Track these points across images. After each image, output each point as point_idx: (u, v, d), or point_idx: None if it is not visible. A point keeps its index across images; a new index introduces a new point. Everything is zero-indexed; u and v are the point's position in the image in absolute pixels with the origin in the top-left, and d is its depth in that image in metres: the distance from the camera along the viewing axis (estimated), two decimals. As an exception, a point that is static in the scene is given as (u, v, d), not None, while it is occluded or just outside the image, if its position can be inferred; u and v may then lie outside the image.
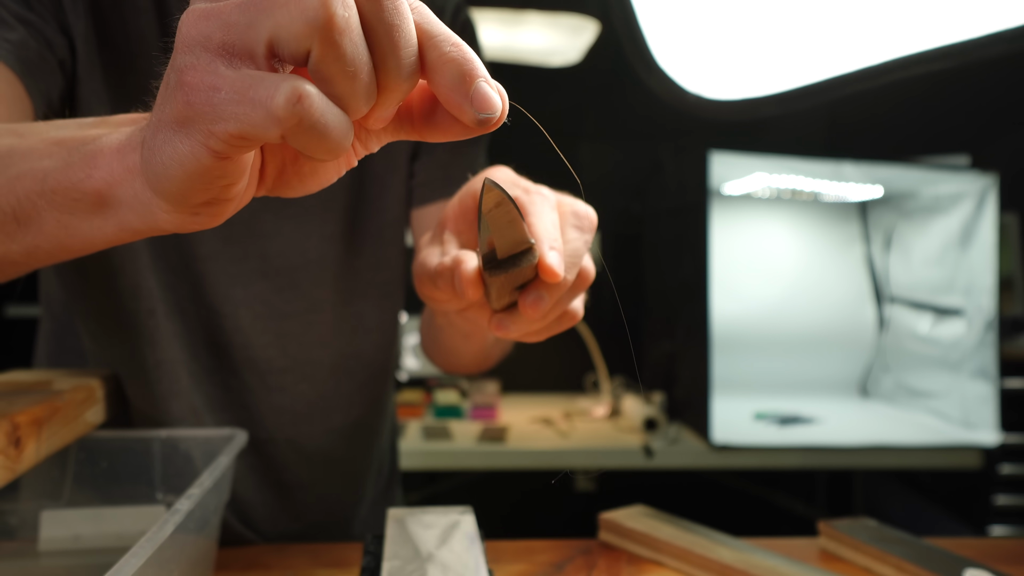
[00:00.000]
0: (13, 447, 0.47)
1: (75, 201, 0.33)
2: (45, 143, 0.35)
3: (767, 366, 2.13)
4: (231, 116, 0.25)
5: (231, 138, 0.26)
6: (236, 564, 0.62)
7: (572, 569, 0.61)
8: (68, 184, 0.33)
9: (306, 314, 0.72)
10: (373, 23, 0.27)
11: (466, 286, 0.42)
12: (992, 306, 1.74)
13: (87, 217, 0.33)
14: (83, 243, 0.35)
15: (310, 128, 0.25)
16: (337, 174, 0.35)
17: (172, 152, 0.27)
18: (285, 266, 0.70)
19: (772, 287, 2.15)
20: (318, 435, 0.74)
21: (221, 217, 0.32)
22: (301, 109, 0.24)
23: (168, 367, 0.67)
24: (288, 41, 0.25)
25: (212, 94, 0.25)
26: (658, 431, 1.75)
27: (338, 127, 0.26)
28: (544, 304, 0.42)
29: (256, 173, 0.33)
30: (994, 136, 2.29)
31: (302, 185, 0.34)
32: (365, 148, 0.34)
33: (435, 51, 0.28)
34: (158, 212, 0.31)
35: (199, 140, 0.26)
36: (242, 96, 0.25)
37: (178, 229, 0.32)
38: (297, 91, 0.24)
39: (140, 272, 0.65)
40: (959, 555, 0.61)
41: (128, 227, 0.33)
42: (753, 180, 1.87)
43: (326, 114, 0.25)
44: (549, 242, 0.41)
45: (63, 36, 0.59)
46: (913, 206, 2.01)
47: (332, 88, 0.26)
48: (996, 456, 1.82)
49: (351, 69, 0.26)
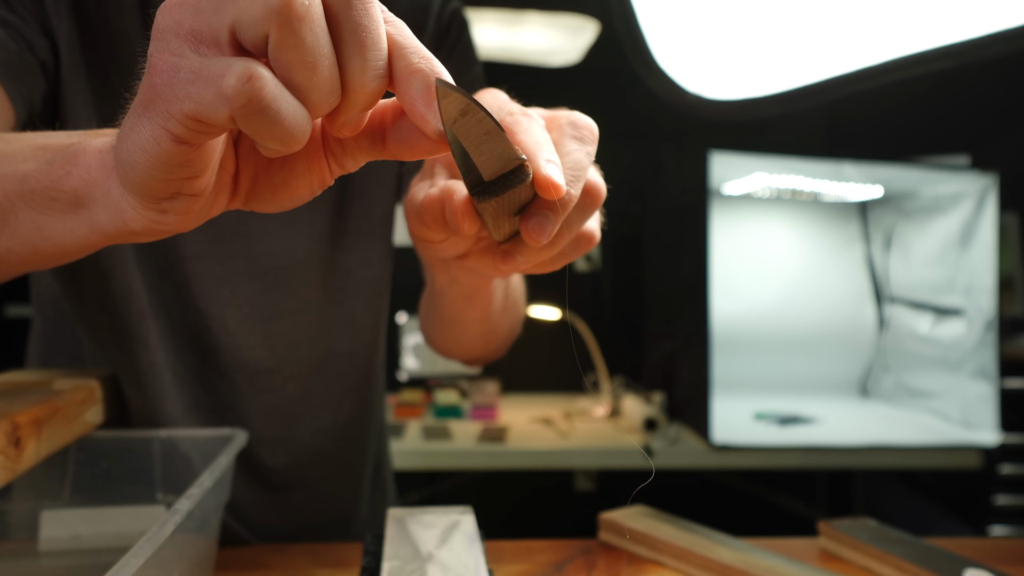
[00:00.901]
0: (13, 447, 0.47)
1: (52, 200, 0.33)
2: (30, 148, 0.36)
3: (767, 366, 2.13)
4: (186, 95, 0.26)
5: (186, 119, 0.26)
6: (236, 564, 0.62)
7: (572, 569, 0.61)
8: (47, 183, 0.33)
9: (294, 314, 0.71)
10: (340, 19, 0.27)
11: (458, 218, 0.37)
12: (992, 306, 1.74)
13: (61, 217, 0.34)
14: (55, 247, 0.35)
15: (260, 111, 0.25)
16: (310, 191, 0.34)
17: (136, 137, 0.28)
18: (272, 266, 0.70)
19: (772, 287, 2.15)
20: (306, 435, 0.74)
21: (188, 218, 0.32)
22: (250, 89, 0.25)
23: (160, 369, 0.67)
24: (248, 25, 0.25)
25: (173, 75, 0.26)
26: (658, 431, 1.75)
27: (292, 116, 0.26)
28: (550, 225, 0.36)
29: (229, 181, 0.33)
30: (994, 136, 2.29)
31: (274, 197, 0.34)
32: (340, 167, 0.34)
33: (403, 61, 0.29)
34: (127, 210, 0.31)
35: (159, 123, 0.27)
36: (197, 76, 0.25)
37: (147, 232, 0.32)
38: (248, 71, 0.25)
39: (130, 274, 0.65)
40: (959, 555, 0.61)
41: (99, 229, 0.33)
42: (753, 180, 1.87)
43: (278, 100, 0.26)
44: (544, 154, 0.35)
45: (45, 37, 0.58)
46: (913, 206, 2.01)
47: (290, 77, 0.26)
48: (996, 456, 1.82)
49: (310, 59, 0.26)
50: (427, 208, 0.39)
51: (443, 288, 0.58)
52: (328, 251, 0.72)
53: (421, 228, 0.41)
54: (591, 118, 0.41)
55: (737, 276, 2.10)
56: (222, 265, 0.68)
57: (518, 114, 0.39)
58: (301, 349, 0.72)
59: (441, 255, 0.44)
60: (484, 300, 0.59)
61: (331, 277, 0.73)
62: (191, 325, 0.69)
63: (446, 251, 0.43)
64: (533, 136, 0.36)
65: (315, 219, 0.71)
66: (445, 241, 0.42)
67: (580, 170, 0.38)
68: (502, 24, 1.93)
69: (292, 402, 0.73)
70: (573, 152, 0.38)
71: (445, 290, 0.58)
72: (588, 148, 0.39)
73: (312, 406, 0.74)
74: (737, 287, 2.10)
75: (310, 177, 0.34)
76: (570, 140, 0.39)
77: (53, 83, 0.60)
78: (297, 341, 0.72)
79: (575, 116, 0.40)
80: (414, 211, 0.42)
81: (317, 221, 0.71)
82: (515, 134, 0.37)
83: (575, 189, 0.37)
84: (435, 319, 0.69)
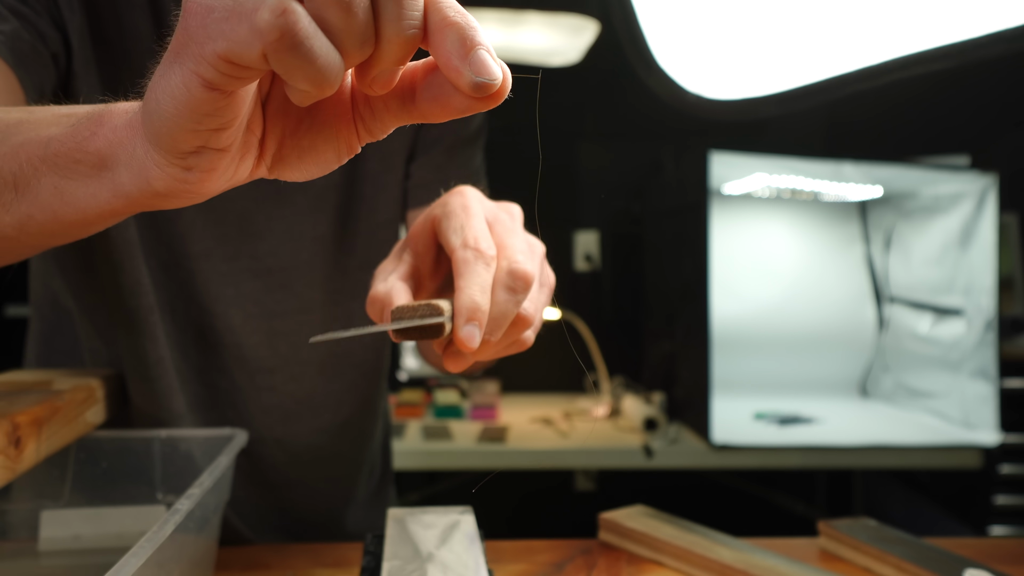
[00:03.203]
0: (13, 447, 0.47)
1: (76, 163, 0.33)
2: (54, 115, 0.36)
3: (767, 366, 2.13)
4: (219, 34, 0.26)
5: (218, 60, 0.26)
6: (236, 564, 0.62)
7: (572, 569, 0.61)
8: (72, 144, 0.33)
9: (297, 314, 0.72)
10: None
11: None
12: (992, 306, 1.74)
13: (84, 181, 0.33)
14: (76, 213, 0.34)
15: (293, 47, 0.25)
16: (337, 157, 0.34)
17: (165, 85, 0.28)
18: (277, 266, 0.70)
19: (772, 287, 2.15)
20: (307, 434, 0.75)
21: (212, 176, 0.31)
22: (284, 22, 0.25)
23: (167, 364, 0.67)
24: None
25: (207, 15, 0.26)
26: (658, 431, 1.75)
27: (325, 56, 0.26)
28: (464, 361, 0.44)
29: (256, 144, 0.33)
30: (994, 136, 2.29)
31: (300, 162, 0.34)
32: (368, 132, 0.33)
33: (438, 14, 0.28)
34: (151, 167, 0.31)
35: (191, 68, 0.27)
36: (231, 12, 0.25)
37: (169, 192, 0.32)
38: (282, 5, 0.25)
39: (138, 268, 0.65)
40: (959, 555, 0.61)
41: (121, 191, 0.33)
42: (753, 180, 1.87)
43: (311, 37, 0.25)
44: (467, 315, 0.41)
45: (56, 31, 0.59)
46: (913, 206, 2.01)
47: (325, 17, 0.26)
48: (996, 456, 1.82)
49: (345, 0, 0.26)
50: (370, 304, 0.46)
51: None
52: (332, 252, 0.72)
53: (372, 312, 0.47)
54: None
55: (737, 276, 2.09)
56: (227, 263, 0.68)
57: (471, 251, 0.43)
58: (303, 349, 0.72)
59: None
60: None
61: (334, 278, 0.73)
62: (195, 322, 0.69)
63: None
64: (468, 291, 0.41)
65: (319, 221, 0.71)
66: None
67: (503, 319, 0.43)
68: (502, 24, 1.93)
69: (293, 401, 0.73)
70: (501, 304, 0.43)
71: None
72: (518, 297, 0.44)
73: (312, 406, 0.74)
74: (737, 287, 2.09)
75: (337, 142, 0.33)
76: (503, 289, 0.44)
77: (63, 76, 0.60)
78: (299, 341, 0.72)
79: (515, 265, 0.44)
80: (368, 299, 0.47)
81: (322, 223, 0.71)
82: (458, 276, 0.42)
83: (493, 336, 0.43)
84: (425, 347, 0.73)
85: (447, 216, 0.46)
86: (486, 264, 0.43)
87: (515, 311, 0.44)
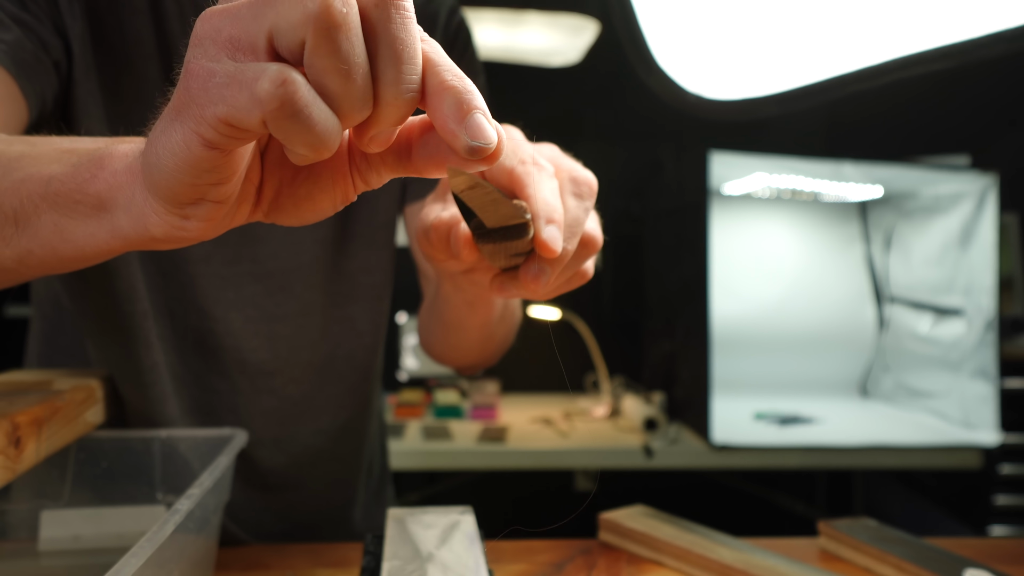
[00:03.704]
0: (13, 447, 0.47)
1: (76, 203, 0.33)
2: (56, 151, 0.36)
3: (767, 366, 2.13)
4: (220, 99, 0.26)
5: (219, 123, 0.26)
6: (236, 564, 0.62)
7: (572, 569, 0.61)
8: (73, 186, 0.33)
9: (297, 317, 0.72)
10: (378, 31, 0.27)
11: (460, 246, 0.42)
12: (992, 306, 1.74)
13: (84, 221, 0.34)
14: (74, 250, 0.35)
15: (292, 115, 0.25)
16: (333, 206, 0.34)
17: (166, 141, 0.28)
18: (277, 269, 0.70)
19: (772, 287, 2.15)
20: (305, 436, 0.75)
21: (210, 226, 0.32)
22: (284, 92, 0.25)
23: (161, 370, 0.67)
24: (286, 31, 0.26)
25: (208, 79, 0.26)
26: (658, 431, 1.75)
27: (323, 123, 0.26)
28: (545, 277, 0.41)
29: (253, 192, 0.33)
30: (994, 136, 2.29)
31: (296, 210, 0.34)
32: (364, 182, 0.34)
33: (437, 78, 0.29)
34: (150, 215, 0.31)
35: (191, 128, 0.27)
36: (232, 79, 0.26)
37: (167, 238, 0.32)
38: (282, 75, 0.25)
39: (134, 275, 0.65)
40: (959, 555, 0.61)
41: (120, 234, 0.33)
42: (753, 180, 1.87)
43: (310, 105, 0.26)
44: (546, 215, 0.39)
45: (58, 38, 0.58)
46: (913, 206, 2.01)
47: (324, 83, 0.26)
48: (996, 456, 1.82)
49: (344, 67, 0.26)
50: (435, 229, 0.43)
51: (447, 295, 0.61)
52: (332, 255, 0.73)
53: (427, 246, 0.45)
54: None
55: (737, 276, 2.10)
56: (227, 267, 0.68)
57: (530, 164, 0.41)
58: (303, 351, 0.72)
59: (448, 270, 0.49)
60: (485, 308, 0.61)
61: (333, 281, 0.73)
62: (194, 326, 0.69)
63: (453, 268, 0.47)
64: (541, 194, 0.40)
65: (320, 224, 0.71)
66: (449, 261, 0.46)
67: (577, 226, 0.42)
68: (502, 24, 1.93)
69: (292, 404, 0.73)
70: (572, 209, 0.42)
71: (449, 297, 0.61)
72: (586, 204, 0.43)
73: (311, 408, 0.74)
74: (737, 287, 2.09)
75: (334, 191, 0.34)
76: (570, 196, 0.42)
77: (65, 83, 0.60)
78: (299, 343, 0.72)
79: (576, 172, 0.44)
80: (423, 230, 0.45)
81: (322, 226, 0.71)
82: (524, 187, 0.40)
83: (571, 245, 0.42)
84: (437, 325, 0.71)
85: None
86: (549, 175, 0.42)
87: (585, 218, 0.43)
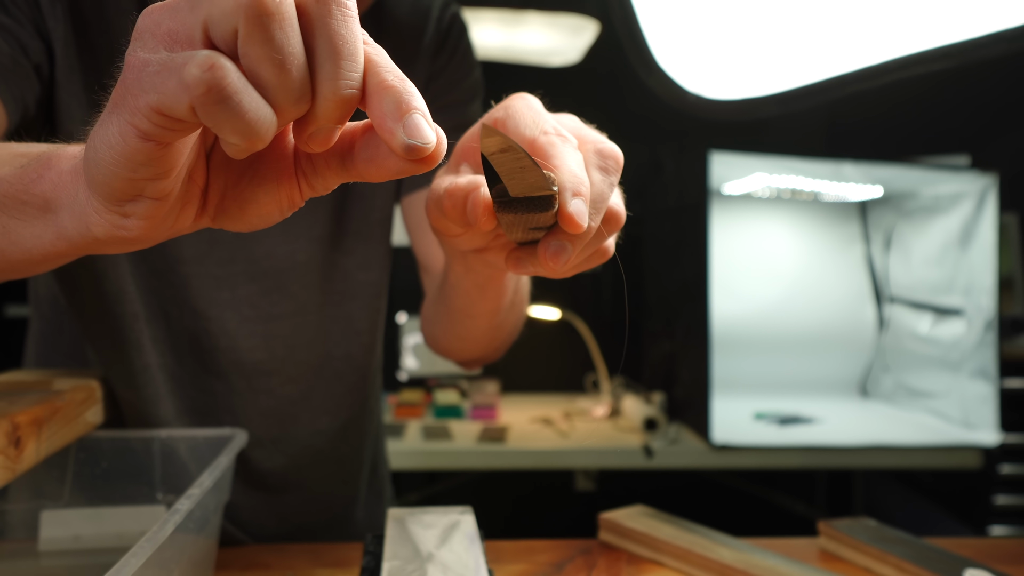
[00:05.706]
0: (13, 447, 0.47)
1: (23, 204, 0.34)
2: (9, 155, 0.36)
3: (767, 366, 2.13)
4: (151, 87, 0.26)
5: (151, 112, 0.26)
6: (236, 564, 0.62)
7: (572, 569, 0.61)
8: (20, 187, 0.34)
9: (293, 316, 0.71)
10: (316, 25, 0.27)
11: (478, 212, 0.39)
12: (992, 306, 1.74)
13: (30, 222, 0.34)
14: (22, 253, 0.35)
15: (220, 101, 0.25)
16: (279, 210, 0.34)
17: (104, 134, 0.28)
18: (273, 268, 0.70)
19: (772, 287, 2.15)
20: (303, 436, 0.74)
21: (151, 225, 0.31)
22: (211, 77, 0.25)
23: (154, 372, 0.67)
24: (219, 20, 0.26)
25: (142, 70, 0.26)
26: (658, 431, 1.75)
27: (255, 111, 0.26)
28: (566, 254, 0.39)
29: (199, 194, 0.33)
30: (994, 136, 2.29)
31: (242, 214, 0.34)
32: (310, 187, 0.33)
33: (376, 77, 0.29)
34: (91, 214, 0.31)
35: (126, 119, 0.27)
36: (163, 66, 0.26)
37: (109, 238, 0.32)
38: (210, 60, 0.25)
39: (123, 277, 0.65)
40: (959, 555, 0.61)
41: (64, 234, 0.33)
42: (753, 180, 1.87)
43: (240, 92, 0.26)
44: (572, 188, 0.37)
45: (40, 40, 0.58)
46: (913, 206, 2.01)
47: (257, 72, 0.26)
48: (996, 456, 1.82)
49: (277, 56, 0.26)
50: (450, 195, 0.41)
51: (457, 279, 0.58)
52: (327, 254, 0.72)
53: (439, 218, 0.43)
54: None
55: (737, 276, 2.09)
56: (222, 267, 0.68)
57: (553, 135, 0.40)
58: (300, 351, 0.72)
59: (460, 247, 0.46)
60: (496, 292, 0.59)
61: (330, 279, 0.73)
62: (189, 327, 0.68)
63: (465, 244, 0.45)
64: (567, 166, 0.38)
65: (315, 222, 0.71)
66: (462, 235, 0.44)
67: (602, 201, 0.40)
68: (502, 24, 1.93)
69: (289, 404, 0.73)
70: (597, 183, 0.40)
71: (459, 280, 0.58)
72: (612, 179, 0.41)
73: (309, 408, 0.74)
74: (737, 287, 2.09)
75: (279, 196, 0.33)
76: (596, 170, 0.40)
77: (47, 86, 0.60)
78: (296, 343, 0.72)
79: (601, 144, 0.41)
80: (435, 199, 0.43)
81: (317, 224, 0.71)
82: (549, 158, 0.38)
83: (596, 221, 0.39)
84: (443, 315, 0.69)
85: (513, 116, 0.42)
86: (573, 146, 0.40)
87: (611, 193, 0.41)
